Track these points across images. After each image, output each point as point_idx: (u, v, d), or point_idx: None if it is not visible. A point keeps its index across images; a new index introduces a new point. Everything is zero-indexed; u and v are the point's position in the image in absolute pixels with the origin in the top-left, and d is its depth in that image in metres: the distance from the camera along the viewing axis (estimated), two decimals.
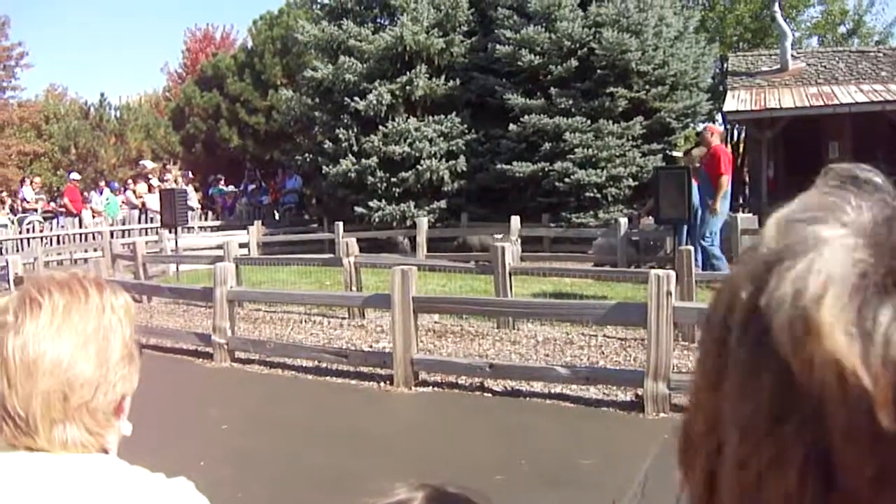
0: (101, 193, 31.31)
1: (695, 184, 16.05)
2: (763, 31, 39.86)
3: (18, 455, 1.75)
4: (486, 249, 23.15)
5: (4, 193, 32.31)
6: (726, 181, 16.47)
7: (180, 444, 7.58)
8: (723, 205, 16.45)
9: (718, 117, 36.15)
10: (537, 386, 9.83)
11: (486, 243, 23.56)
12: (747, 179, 30.76)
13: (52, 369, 1.71)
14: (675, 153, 22.68)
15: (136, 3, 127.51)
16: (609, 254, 19.78)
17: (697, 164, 17.21)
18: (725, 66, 32.48)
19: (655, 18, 24.92)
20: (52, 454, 1.74)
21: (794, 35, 32.22)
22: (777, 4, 29.16)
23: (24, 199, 29.97)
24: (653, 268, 12.77)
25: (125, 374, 1.84)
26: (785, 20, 29.43)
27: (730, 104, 25.05)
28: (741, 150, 39.87)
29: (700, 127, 23.18)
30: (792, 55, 27.20)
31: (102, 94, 53.77)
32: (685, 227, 16.28)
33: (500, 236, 23.33)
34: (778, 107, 23.83)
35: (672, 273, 9.07)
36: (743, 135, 37.34)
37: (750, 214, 21.09)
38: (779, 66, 26.99)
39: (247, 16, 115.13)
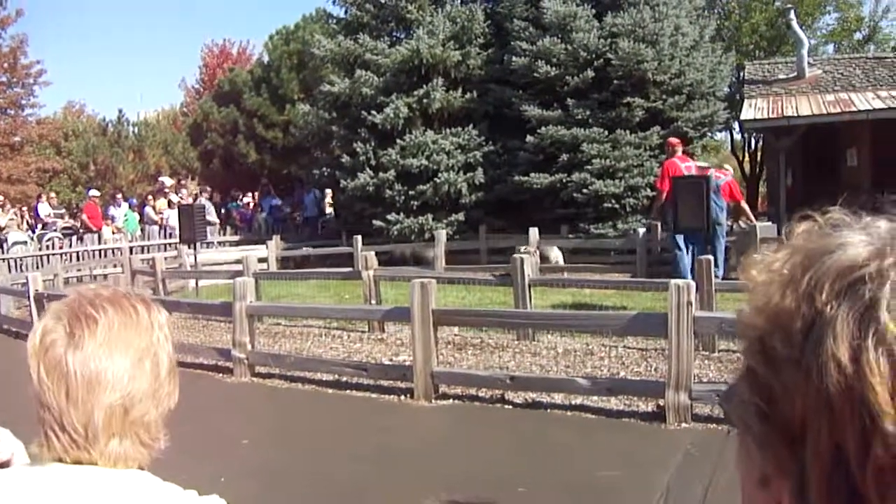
0: (119, 206, 31.47)
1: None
2: (779, 39, 39.85)
3: (58, 468, 1.78)
4: (419, 261, 23.45)
5: (25, 209, 32.40)
6: (659, 195, 18.72)
7: (200, 460, 7.58)
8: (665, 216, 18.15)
9: (735, 126, 36.24)
10: (558, 398, 9.81)
11: (419, 254, 23.83)
12: (765, 188, 30.74)
13: (114, 384, 1.77)
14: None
15: (153, 20, 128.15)
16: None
17: None
18: (742, 74, 32.44)
19: (671, 28, 24.91)
20: (90, 468, 1.77)
21: (810, 42, 32.08)
22: (792, 12, 29.10)
23: (39, 216, 30.09)
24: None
25: (171, 389, 1.92)
26: (800, 27, 29.34)
27: (747, 113, 24.96)
28: (759, 158, 39.96)
29: (718, 136, 23.24)
30: (808, 62, 27.09)
31: (120, 111, 54.35)
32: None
33: (435, 252, 23.56)
34: (795, 115, 23.70)
35: (692, 283, 9.03)
36: (760, 143, 37.38)
37: (769, 223, 21.04)
38: (795, 73, 26.87)
39: (263, 31, 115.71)
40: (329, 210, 32.99)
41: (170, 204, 30.64)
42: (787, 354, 0.83)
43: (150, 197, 33.98)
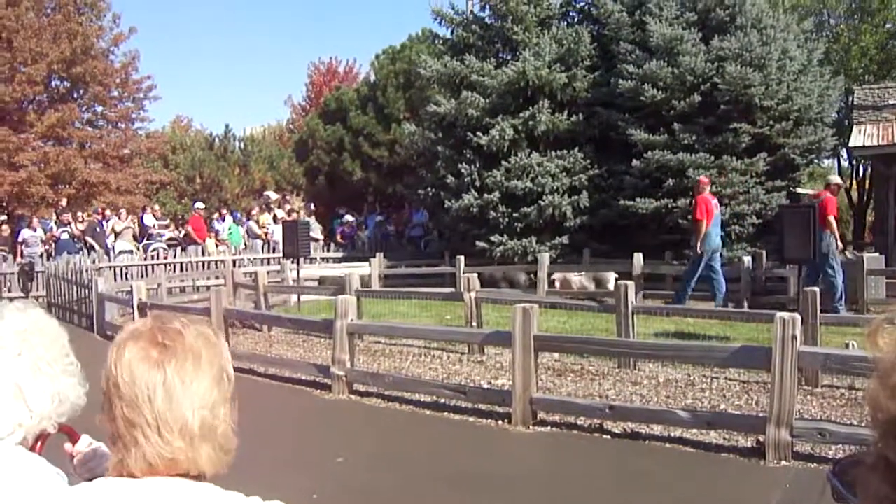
0: (224, 220, 31.97)
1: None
2: (889, 63, 39.03)
3: (121, 480, 1.93)
4: (511, 284, 23.62)
5: (132, 220, 33.04)
6: (701, 225, 18.90)
7: (295, 475, 7.66)
8: (705, 243, 18.82)
9: (843, 152, 35.54)
10: (657, 429, 9.74)
11: (511, 276, 23.97)
12: (873, 217, 30.08)
13: (202, 396, 1.94)
14: (799, 189, 22.33)
15: (261, 38, 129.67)
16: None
17: None
18: (851, 99, 31.86)
19: (779, 52, 24.62)
20: (152, 479, 1.91)
21: None
22: None
23: (145, 226, 30.70)
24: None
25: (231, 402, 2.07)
26: None
27: (856, 139, 24.57)
28: (867, 186, 39.09)
29: (825, 163, 22.91)
30: None
31: (227, 126, 55.10)
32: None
33: (527, 276, 23.75)
34: None
35: (797, 316, 8.85)
36: (869, 170, 36.61)
37: (876, 254, 20.65)
38: None
39: (369, 50, 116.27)
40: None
41: (274, 219, 31.02)
42: None
43: (254, 211, 34.42)
